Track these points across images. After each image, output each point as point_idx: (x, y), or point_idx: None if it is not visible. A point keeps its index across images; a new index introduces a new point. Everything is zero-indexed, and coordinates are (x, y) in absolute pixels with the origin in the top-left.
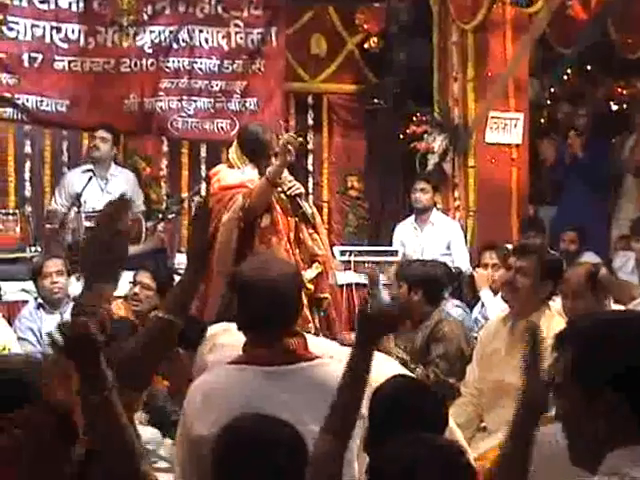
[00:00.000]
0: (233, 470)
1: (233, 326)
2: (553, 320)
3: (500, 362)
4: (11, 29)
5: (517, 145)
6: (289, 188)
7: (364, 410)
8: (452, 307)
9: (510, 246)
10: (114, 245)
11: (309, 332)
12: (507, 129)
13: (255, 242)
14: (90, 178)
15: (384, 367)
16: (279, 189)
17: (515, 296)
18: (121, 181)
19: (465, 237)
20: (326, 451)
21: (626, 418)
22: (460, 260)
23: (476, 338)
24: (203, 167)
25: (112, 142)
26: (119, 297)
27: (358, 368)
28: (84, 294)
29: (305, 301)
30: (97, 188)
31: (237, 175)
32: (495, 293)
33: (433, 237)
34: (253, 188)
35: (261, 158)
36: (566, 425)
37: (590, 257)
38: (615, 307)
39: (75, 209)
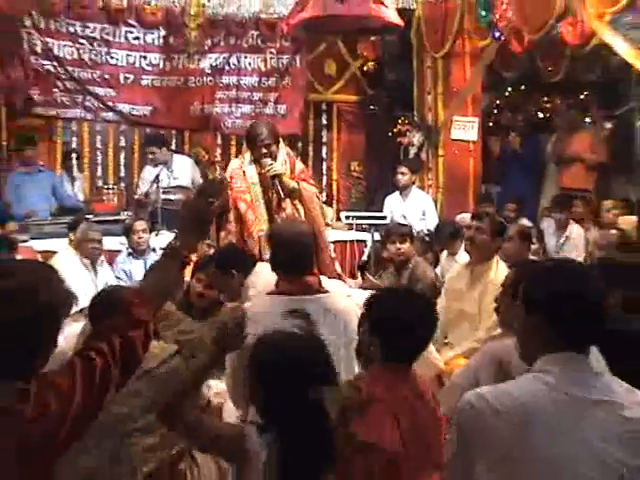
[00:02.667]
0: (264, 373)
1: (262, 268)
2: (499, 265)
3: (462, 295)
4: (112, 57)
5: (473, 141)
6: (267, 171)
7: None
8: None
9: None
10: (204, 212)
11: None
12: (466, 129)
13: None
14: (161, 169)
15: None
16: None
17: (474, 248)
18: (181, 165)
19: (435, 207)
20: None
21: (549, 333)
22: (432, 224)
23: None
24: None
25: (160, 149)
26: None
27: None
28: (175, 239)
29: None
30: (165, 175)
31: (231, 165)
32: None
33: (412, 207)
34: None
35: (252, 147)
36: (517, 336)
37: (524, 222)
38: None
39: (154, 186)
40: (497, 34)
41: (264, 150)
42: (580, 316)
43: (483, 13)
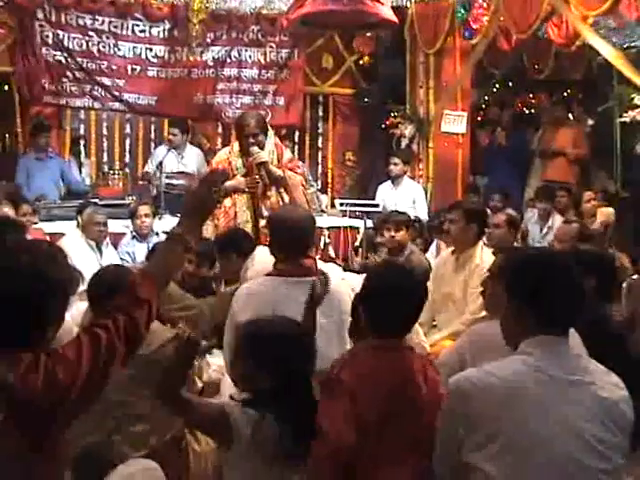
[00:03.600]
0: (254, 354)
1: (258, 253)
2: (484, 251)
3: (448, 280)
4: (119, 49)
5: (462, 134)
6: (253, 159)
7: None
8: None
9: None
10: (208, 200)
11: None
12: (456, 123)
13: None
14: (168, 150)
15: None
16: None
17: (451, 238)
18: (192, 155)
19: (425, 196)
20: None
21: (530, 317)
22: (422, 212)
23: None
24: None
25: (181, 133)
26: None
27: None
28: (178, 227)
29: None
30: (174, 159)
31: (218, 155)
32: None
33: (403, 195)
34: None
35: (240, 137)
36: (501, 320)
37: (510, 211)
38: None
39: (158, 172)
40: (467, 34)
41: (251, 139)
42: (560, 301)
43: (462, 11)
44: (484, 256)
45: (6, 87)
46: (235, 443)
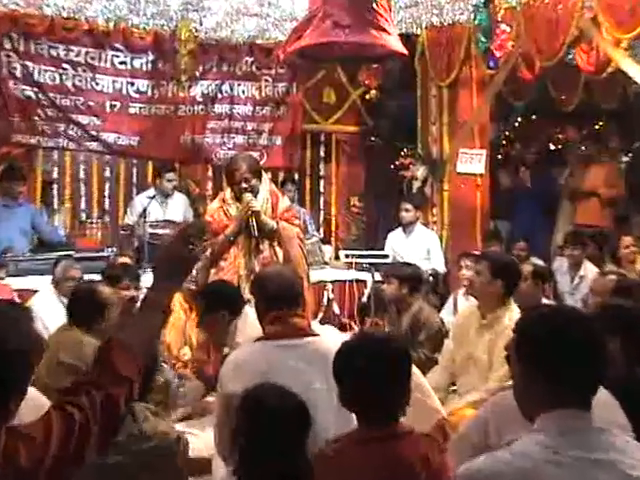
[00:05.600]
0: (251, 429)
1: (249, 311)
2: (513, 313)
3: (470, 340)
4: (97, 84)
5: (481, 174)
6: (245, 207)
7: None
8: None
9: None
10: (183, 257)
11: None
12: (473, 162)
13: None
14: (153, 196)
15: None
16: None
17: (474, 291)
18: (178, 202)
19: (441, 245)
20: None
21: (544, 386)
22: (437, 263)
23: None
24: None
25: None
26: None
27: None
28: (153, 288)
29: None
30: (158, 207)
31: (210, 207)
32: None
33: (416, 244)
34: (216, 241)
35: (231, 183)
36: (513, 390)
37: (535, 261)
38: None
39: (142, 221)
40: (492, 63)
41: (244, 185)
42: (574, 364)
43: (483, 39)
44: (514, 315)
45: None
46: None
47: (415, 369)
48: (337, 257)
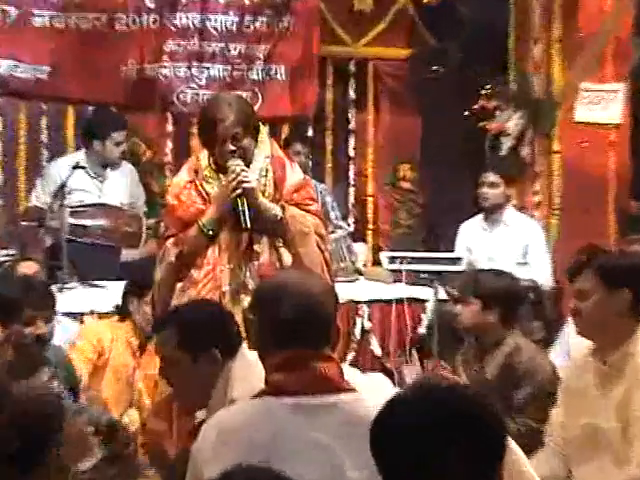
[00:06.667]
0: None
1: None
2: None
3: (591, 403)
4: None
5: (616, 125)
6: (230, 182)
7: None
8: None
9: None
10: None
11: None
12: (603, 104)
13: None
14: (80, 166)
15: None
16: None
17: (580, 322)
18: (121, 176)
19: (547, 242)
20: None
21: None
22: (539, 271)
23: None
24: None
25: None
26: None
27: None
28: None
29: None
30: (89, 182)
31: (175, 182)
32: None
33: (506, 241)
34: (185, 237)
35: (210, 142)
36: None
37: None
38: None
39: (59, 204)
40: None
41: (230, 147)
42: None
43: None
44: None
45: None
46: None
47: (513, 445)
48: (377, 262)
